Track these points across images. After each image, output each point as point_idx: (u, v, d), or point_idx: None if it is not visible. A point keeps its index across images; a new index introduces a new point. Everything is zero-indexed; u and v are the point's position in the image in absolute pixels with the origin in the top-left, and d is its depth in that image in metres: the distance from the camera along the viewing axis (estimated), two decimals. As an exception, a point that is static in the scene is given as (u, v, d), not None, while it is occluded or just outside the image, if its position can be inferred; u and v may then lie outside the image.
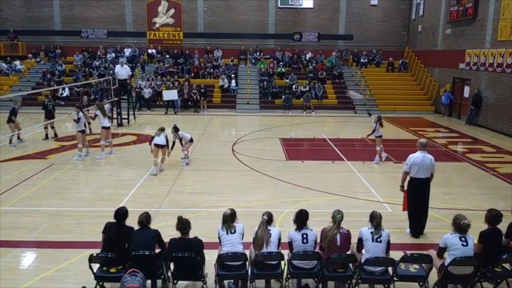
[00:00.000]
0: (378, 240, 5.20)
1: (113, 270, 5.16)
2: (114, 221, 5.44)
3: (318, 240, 5.42)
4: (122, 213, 5.45)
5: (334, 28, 26.47)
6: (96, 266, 5.24)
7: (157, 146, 10.65)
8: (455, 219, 5.24)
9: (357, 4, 26.10)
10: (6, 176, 10.32)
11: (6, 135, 13.24)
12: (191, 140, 11.63)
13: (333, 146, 14.30)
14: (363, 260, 5.20)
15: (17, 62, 24.51)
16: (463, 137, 16.61)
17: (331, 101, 22.92)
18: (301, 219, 5.32)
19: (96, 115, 12.41)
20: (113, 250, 5.18)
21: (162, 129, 10.85)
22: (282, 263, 5.36)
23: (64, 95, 22.05)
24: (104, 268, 5.21)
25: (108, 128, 12.42)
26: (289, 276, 5.35)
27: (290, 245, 5.35)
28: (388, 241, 5.29)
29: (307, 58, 25.76)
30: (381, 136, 11.85)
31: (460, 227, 5.13)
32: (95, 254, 5.17)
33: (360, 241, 5.31)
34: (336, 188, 9.81)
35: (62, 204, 8.60)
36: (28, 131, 14.59)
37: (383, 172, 11.36)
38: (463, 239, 5.12)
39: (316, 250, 5.36)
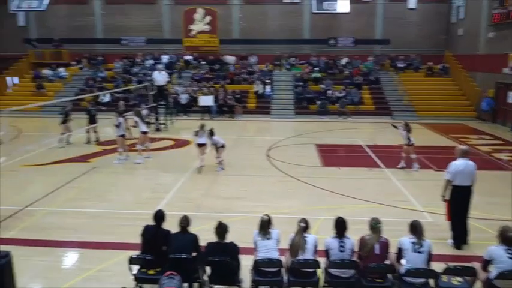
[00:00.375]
0: (419, 250, 5.05)
1: (151, 272, 5.28)
2: (152, 223, 5.57)
3: (356, 249, 5.33)
4: (159, 216, 5.58)
5: (371, 32, 26.07)
6: (135, 267, 5.37)
7: (200, 145, 11.20)
8: (502, 230, 5.01)
9: (394, 8, 25.60)
10: (51, 178, 10.78)
11: (49, 139, 13.83)
12: (223, 146, 11.66)
13: (369, 152, 14.04)
14: (402, 271, 5.06)
15: (61, 69, 25.63)
16: (507, 144, 15.89)
17: (367, 107, 22.56)
18: (340, 227, 5.25)
19: (136, 122, 12.69)
20: (151, 252, 5.31)
21: (202, 127, 11.10)
22: (318, 271, 5.31)
23: (105, 100, 22.84)
24: (143, 270, 5.33)
25: (146, 133, 12.71)
26: (325, 284, 5.29)
27: (327, 252, 5.29)
28: (430, 252, 5.13)
29: (343, 63, 25.49)
30: (412, 144, 11.55)
31: (507, 238, 4.90)
32: (134, 256, 5.31)
33: (400, 251, 5.18)
34: (373, 196, 9.61)
35: (102, 206, 8.89)
36: (72, 135, 15.17)
37: (423, 180, 11.02)
38: (509, 251, 4.89)
39: (353, 259, 5.28)
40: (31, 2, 22.51)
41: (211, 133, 11.48)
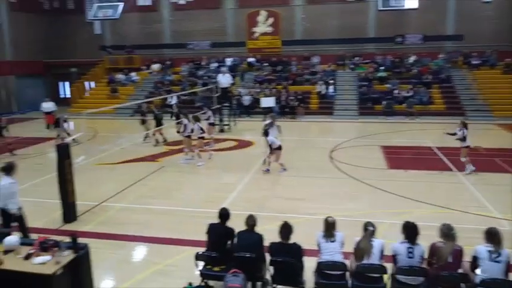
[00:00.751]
0: (496, 260, 4.69)
1: (216, 269, 5.41)
2: (217, 221, 5.71)
3: (426, 256, 5.07)
4: (224, 214, 5.71)
5: (441, 28, 24.69)
6: (201, 264, 5.54)
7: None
8: None
9: (467, 2, 24.02)
10: (123, 177, 11.45)
11: (121, 139, 14.68)
12: (279, 148, 11.46)
13: (440, 155, 13.31)
14: (477, 281, 4.73)
15: (133, 74, 27.14)
16: None
17: (437, 107, 21.39)
18: (410, 232, 5.01)
19: (190, 128, 12.72)
20: (216, 250, 5.44)
21: (272, 117, 11.61)
22: (385, 276, 5.12)
23: (172, 103, 23.78)
24: (208, 266, 5.48)
25: (203, 138, 12.84)
26: (392, 290, 5.09)
27: (394, 258, 5.09)
28: (508, 262, 4.75)
29: (411, 61, 24.41)
30: (468, 146, 10.93)
31: None
32: (200, 253, 5.47)
33: (475, 260, 4.84)
34: (444, 201, 9.09)
35: (169, 204, 9.27)
36: (141, 136, 15.99)
37: (500, 185, 10.22)
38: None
39: (422, 266, 5.03)
40: (106, 11, 24.11)
41: (266, 133, 11.45)
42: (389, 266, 5.19)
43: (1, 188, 6.58)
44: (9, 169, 6.74)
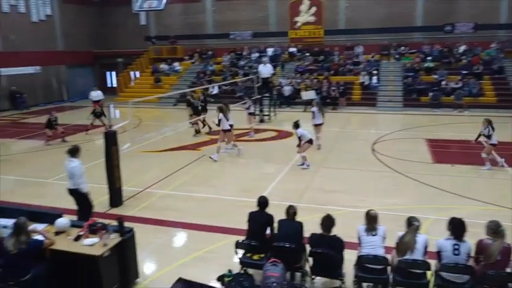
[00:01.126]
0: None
1: (255, 257, 5.48)
2: (256, 209, 5.76)
3: (472, 254, 4.88)
4: (263, 202, 5.76)
5: (495, 16, 23.33)
6: (240, 252, 5.62)
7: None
8: None
9: (525, -13, 22.58)
10: (166, 164, 11.77)
11: (164, 128, 15.04)
12: (310, 141, 11.18)
13: (489, 149, 12.67)
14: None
15: (176, 64, 27.67)
16: None
17: (488, 99, 20.35)
18: (458, 228, 4.84)
19: (219, 120, 12.31)
20: (256, 238, 5.50)
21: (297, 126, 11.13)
22: (428, 273, 4.98)
23: (214, 92, 24.12)
24: (248, 254, 5.56)
25: (228, 131, 12.16)
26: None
27: (438, 254, 4.93)
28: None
29: (460, 51, 23.29)
30: (494, 144, 10.68)
31: None
32: (240, 241, 5.55)
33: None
34: (493, 197, 8.68)
35: (210, 192, 9.44)
36: (185, 125, 16.32)
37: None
38: None
39: (469, 263, 4.85)
40: (151, 2, 24.67)
41: (297, 125, 11.23)
42: (432, 263, 5.05)
43: (74, 169, 7.00)
44: (75, 151, 7.15)
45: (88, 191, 7.23)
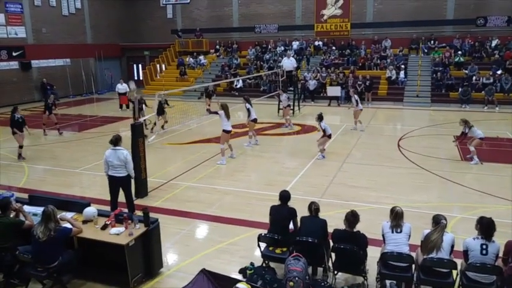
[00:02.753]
0: None
1: (278, 251, 5.49)
2: (278, 203, 5.76)
3: (501, 254, 4.75)
4: (285, 196, 5.75)
5: (530, 9, 22.43)
6: (263, 245, 5.64)
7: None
8: None
9: None
10: (191, 157, 11.90)
11: (190, 121, 15.17)
12: (329, 136, 11.32)
13: (521, 147, 12.29)
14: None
15: (201, 57, 27.84)
16: None
17: (521, 95, 19.63)
18: (487, 228, 4.71)
19: (248, 109, 12.69)
20: (278, 231, 5.51)
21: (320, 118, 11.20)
22: (454, 272, 4.88)
23: (238, 86, 24.17)
24: (270, 248, 5.57)
25: (228, 132, 11.30)
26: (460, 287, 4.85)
27: (465, 254, 4.82)
28: None
29: (493, 45, 22.51)
30: (481, 138, 10.76)
31: None
32: (263, 234, 5.57)
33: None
34: (524, 197, 8.41)
35: (234, 185, 9.49)
36: (209, 117, 16.40)
37: None
38: None
39: (496, 264, 4.72)
40: (178, -5, 24.81)
41: (320, 118, 11.24)
42: (458, 262, 4.94)
43: (128, 156, 7.25)
44: (119, 140, 7.33)
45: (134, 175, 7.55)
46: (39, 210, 5.54)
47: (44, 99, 15.17)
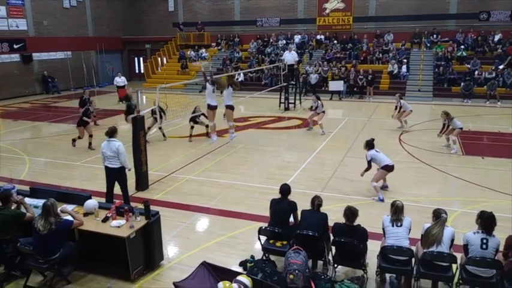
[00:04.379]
0: None
1: (278, 244, 5.51)
2: (279, 197, 5.76)
3: (501, 248, 4.76)
4: (285, 190, 5.75)
5: (534, 4, 22.27)
6: (263, 238, 5.65)
7: None
8: None
9: None
10: (191, 150, 11.90)
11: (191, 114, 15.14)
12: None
13: (523, 142, 12.26)
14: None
15: (203, 50, 27.75)
16: None
17: (523, 90, 19.55)
18: (488, 223, 4.71)
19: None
20: (278, 225, 5.52)
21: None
22: (454, 266, 4.89)
23: (239, 79, 24.10)
24: (271, 241, 5.59)
25: (214, 108, 11.57)
26: (461, 281, 4.86)
27: (465, 248, 4.82)
28: None
29: (496, 40, 22.38)
30: (460, 128, 11.31)
31: None
32: (263, 227, 5.58)
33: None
34: (525, 192, 8.40)
35: (235, 179, 9.50)
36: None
37: None
38: None
39: (496, 258, 4.73)
40: (180, -13, 24.66)
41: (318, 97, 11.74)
42: (457, 256, 4.95)
43: (120, 147, 7.25)
44: (114, 132, 7.40)
45: (130, 167, 7.56)
46: (40, 202, 5.56)
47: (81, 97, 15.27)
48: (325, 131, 13.52)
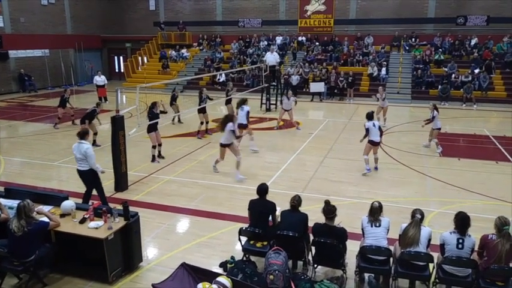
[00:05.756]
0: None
1: (258, 245, 5.51)
2: (257, 197, 5.76)
3: (476, 248, 4.88)
4: (263, 189, 5.76)
5: (509, 10, 22.89)
6: (244, 239, 5.65)
7: None
8: None
9: (540, -20, 22.08)
10: (172, 150, 11.80)
11: (170, 115, 15.06)
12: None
13: (497, 144, 12.59)
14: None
15: (184, 50, 27.56)
16: None
17: (498, 93, 20.10)
18: (462, 223, 4.82)
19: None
20: (258, 225, 5.52)
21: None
22: (430, 265, 4.98)
23: (221, 80, 24.05)
24: (251, 242, 5.59)
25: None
26: (437, 281, 4.95)
27: (442, 247, 4.92)
28: None
29: (472, 44, 22.95)
30: (439, 129, 11.43)
31: None
32: (244, 228, 5.57)
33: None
34: (499, 192, 8.63)
35: (216, 179, 9.46)
36: (191, 111, 16.28)
37: None
38: None
39: (472, 258, 4.84)
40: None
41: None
42: (434, 255, 5.05)
43: (88, 150, 7.06)
44: (85, 134, 7.25)
45: (103, 170, 7.34)
46: (15, 203, 5.41)
47: (61, 96, 15.05)
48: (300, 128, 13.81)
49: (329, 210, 5.16)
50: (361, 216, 5.37)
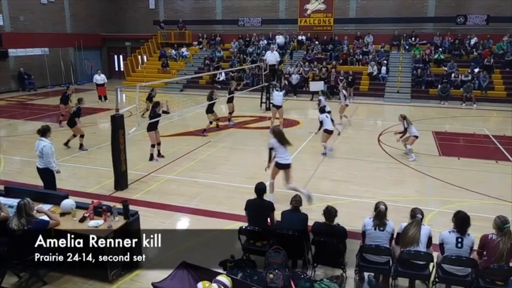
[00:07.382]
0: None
1: (258, 244, 5.52)
2: (254, 197, 5.76)
3: (475, 247, 4.88)
4: (261, 189, 5.78)
5: (508, 9, 22.89)
6: (243, 238, 5.65)
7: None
8: None
9: (540, -21, 22.07)
10: (172, 149, 11.79)
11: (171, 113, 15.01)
12: (329, 132, 11.16)
13: (497, 144, 12.60)
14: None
15: (184, 49, 27.53)
16: None
17: (497, 93, 20.09)
18: (462, 222, 4.82)
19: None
20: (257, 225, 5.52)
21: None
22: (430, 264, 4.99)
23: (220, 79, 24.04)
24: (251, 241, 5.59)
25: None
26: (437, 280, 4.96)
27: (441, 247, 4.93)
28: None
29: (472, 43, 22.94)
30: (416, 136, 10.87)
31: None
32: (243, 227, 5.57)
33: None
34: (499, 192, 8.63)
35: (215, 178, 9.46)
36: (190, 110, 16.30)
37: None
38: None
39: (471, 257, 4.85)
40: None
41: (323, 110, 11.22)
42: (434, 255, 5.05)
43: (45, 148, 7.07)
44: (45, 132, 7.24)
45: (58, 169, 7.31)
46: (15, 202, 5.42)
47: (63, 92, 15.01)
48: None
49: (330, 213, 5.15)
50: (361, 216, 5.37)
